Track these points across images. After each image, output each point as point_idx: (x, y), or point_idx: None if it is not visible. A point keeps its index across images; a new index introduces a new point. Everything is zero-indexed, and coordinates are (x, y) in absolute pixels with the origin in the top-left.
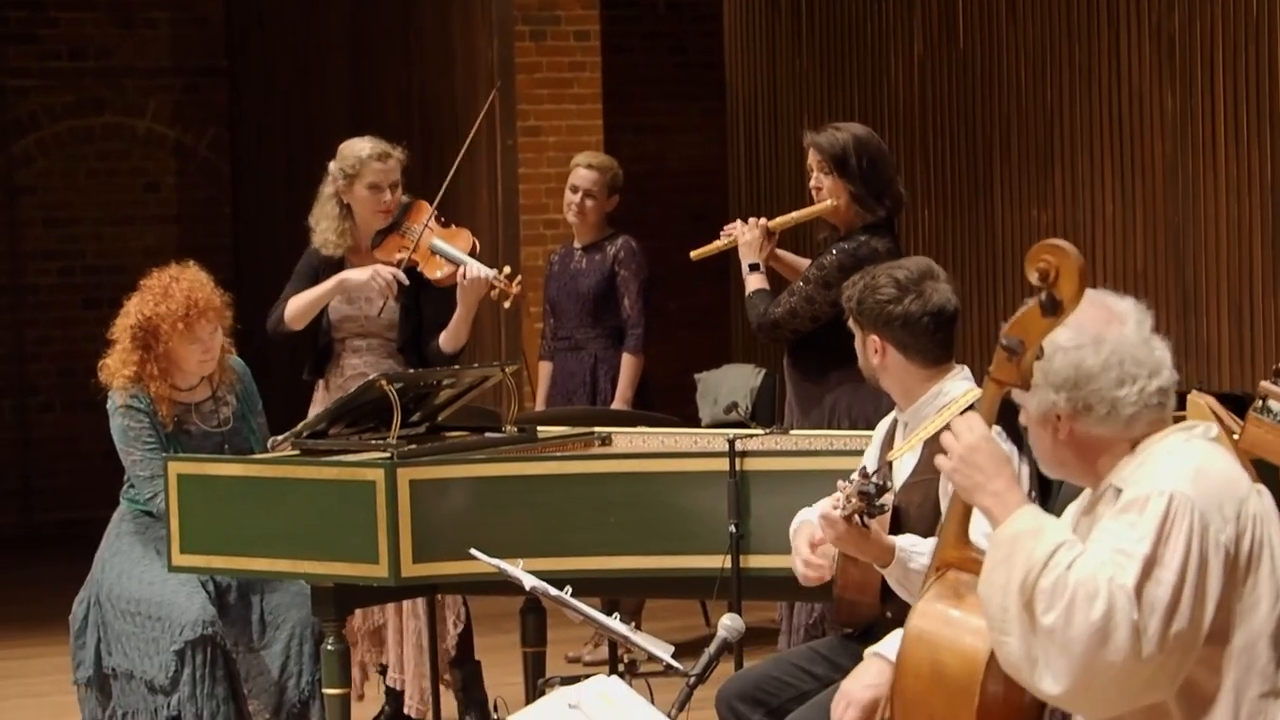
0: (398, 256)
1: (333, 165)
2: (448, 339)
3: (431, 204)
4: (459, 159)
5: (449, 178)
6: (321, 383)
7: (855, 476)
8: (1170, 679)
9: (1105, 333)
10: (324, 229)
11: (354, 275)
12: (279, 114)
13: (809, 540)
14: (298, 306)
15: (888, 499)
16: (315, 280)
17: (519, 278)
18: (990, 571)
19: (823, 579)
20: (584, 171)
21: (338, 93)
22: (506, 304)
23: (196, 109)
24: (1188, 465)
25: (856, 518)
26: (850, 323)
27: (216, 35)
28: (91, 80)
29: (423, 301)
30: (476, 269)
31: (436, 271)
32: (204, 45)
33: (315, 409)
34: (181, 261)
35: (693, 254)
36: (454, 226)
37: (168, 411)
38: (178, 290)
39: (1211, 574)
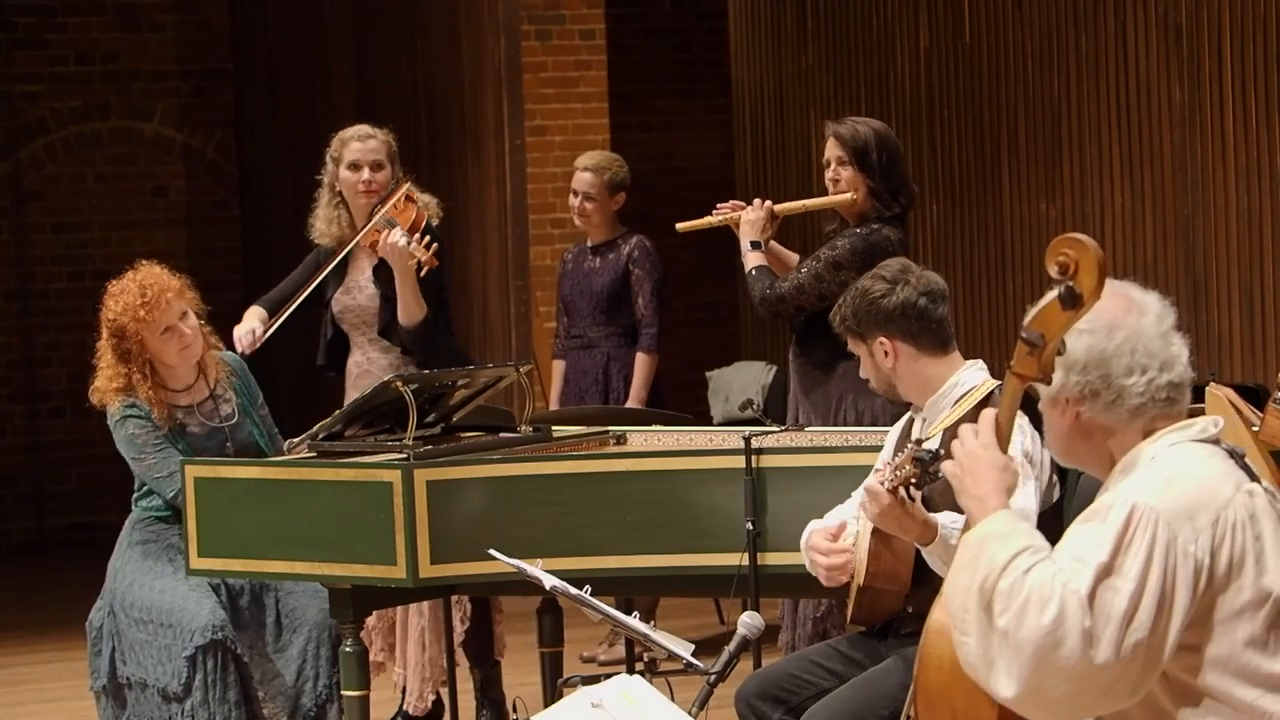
0: (371, 240)
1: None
2: (401, 312)
3: (408, 183)
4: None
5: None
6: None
7: (905, 447)
8: (1131, 688)
9: (1121, 320)
10: (317, 218)
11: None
12: (285, 115)
13: (826, 536)
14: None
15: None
16: (317, 271)
17: (435, 248)
18: (956, 572)
19: (848, 573)
20: (580, 175)
21: (343, 93)
22: (422, 273)
23: (203, 112)
24: (1160, 474)
25: (903, 489)
26: (850, 344)
27: (221, 37)
28: (98, 84)
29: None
30: (391, 236)
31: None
32: (209, 48)
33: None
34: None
35: (679, 226)
36: (410, 203)
37: (163, 415)
38: (131, 284)
39: (1180, 585)
